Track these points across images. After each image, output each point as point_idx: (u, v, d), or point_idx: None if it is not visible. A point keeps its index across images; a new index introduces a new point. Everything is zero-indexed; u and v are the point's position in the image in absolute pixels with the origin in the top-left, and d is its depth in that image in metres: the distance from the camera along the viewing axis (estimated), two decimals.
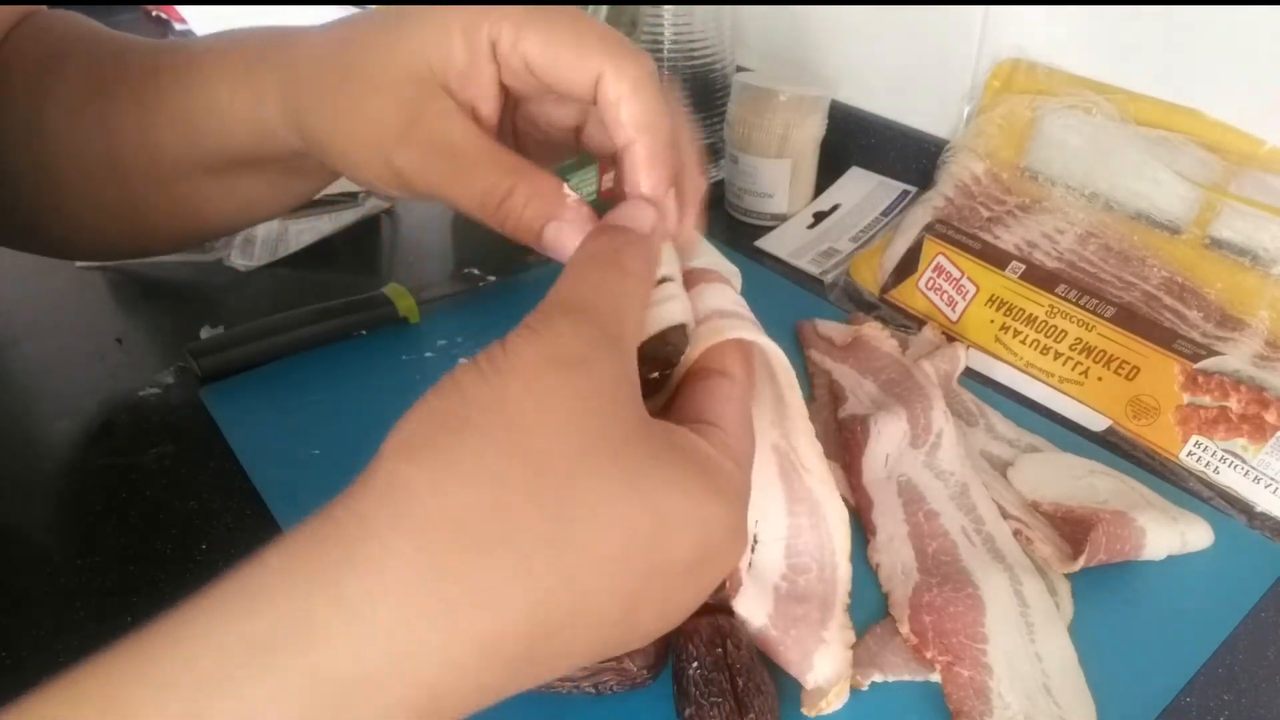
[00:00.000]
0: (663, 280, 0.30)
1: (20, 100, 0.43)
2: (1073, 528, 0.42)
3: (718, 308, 0.31)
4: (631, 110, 0.30)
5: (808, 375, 0.54)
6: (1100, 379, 0.51)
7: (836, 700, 0.34)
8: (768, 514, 0.38)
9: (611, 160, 0.33)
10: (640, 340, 0.28)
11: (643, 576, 0.23)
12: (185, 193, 0.43)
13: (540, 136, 0.37)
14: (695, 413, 0.28)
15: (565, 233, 0.31)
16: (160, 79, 0.40)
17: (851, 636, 0.36)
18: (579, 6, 0.57)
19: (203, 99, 0.39)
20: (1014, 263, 0.56)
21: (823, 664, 0.35)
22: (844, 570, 0.38)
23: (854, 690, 0.36)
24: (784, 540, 0.38)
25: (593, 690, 0.35)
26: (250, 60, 0.38)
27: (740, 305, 0.32)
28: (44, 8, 0.48)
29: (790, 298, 0.61)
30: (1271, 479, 0.45)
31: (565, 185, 0.31)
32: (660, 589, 0.24)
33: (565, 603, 0.22)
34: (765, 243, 0.68)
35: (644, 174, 0.31)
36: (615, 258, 0.28)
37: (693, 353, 0.30)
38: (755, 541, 0.38)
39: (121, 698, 0.20)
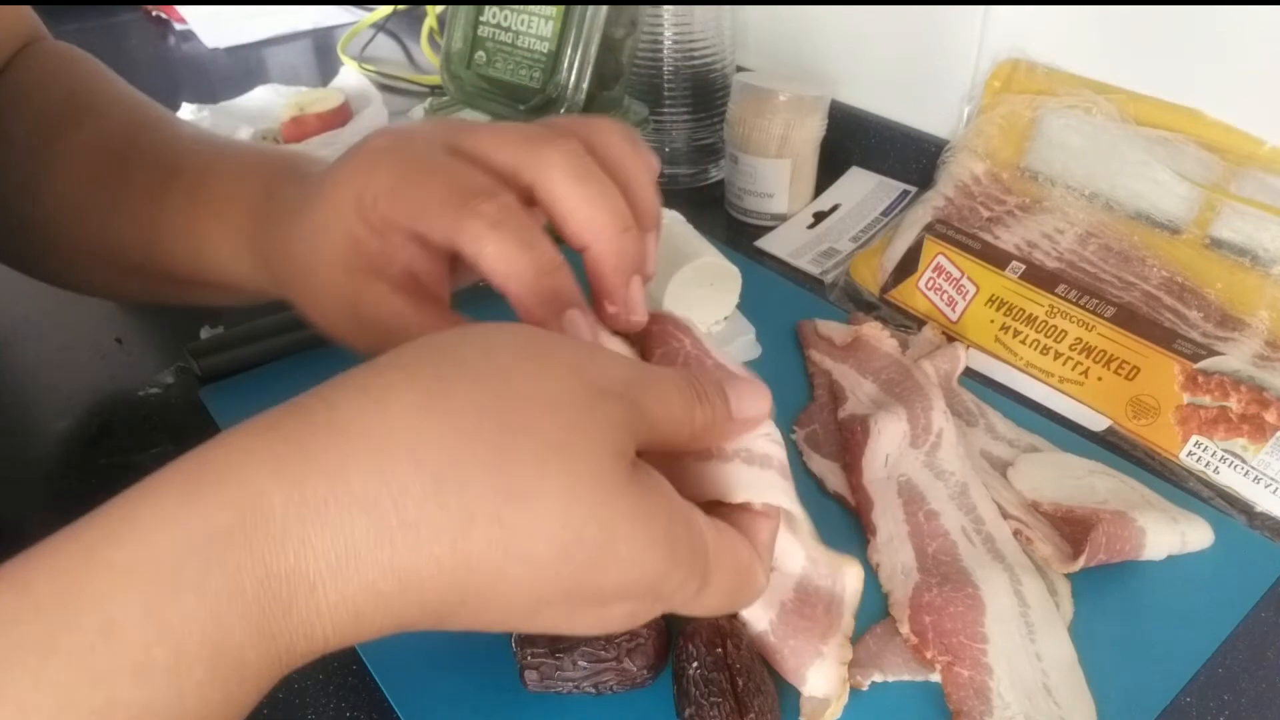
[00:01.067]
0: None
1: (32, 144, 0.44)
2: (1073, 528, 0.42)
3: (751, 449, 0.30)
4: (488, 266, 0.30)
5: (808, 375, 0.54)
6: (1100, 379, 0.51)
7: (832, 717, 0.35)
8: (789, 553, 0.38)
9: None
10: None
11: (565, 586, 0.23)
12: (166, 288, 0.44)
13: None
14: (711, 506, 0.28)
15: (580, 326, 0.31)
16: (168, 200, 0.40)
17: (849, 655, 0.36)
18: (578, 6, 0.57)
19: (201, 238, 0.40)
20: (1014, 263, 0.56)
21: (816, 678, 0.35)
22: (850, 606, 0.38)
23: (854, 690, 0.36)
24: (798, 578, 0.38)
25: (593, 690, 0.35)
26: (245, 226, 0.38)
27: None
28: (51, 39, 0.48)
29: (790, 298, 0.61)
30: (1271, 479, 0.45)
31: None
32: (576, 603, 0.24)
33: (484, 575, 0.22)
34: (765, 243, 0.68)
35: (528, 307, 0.30)
36: (697, 398, 0.28)
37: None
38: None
39: (78, 584, 0.20)
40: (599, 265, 0.32)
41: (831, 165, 0.72)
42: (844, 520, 0.44)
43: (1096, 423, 0.50)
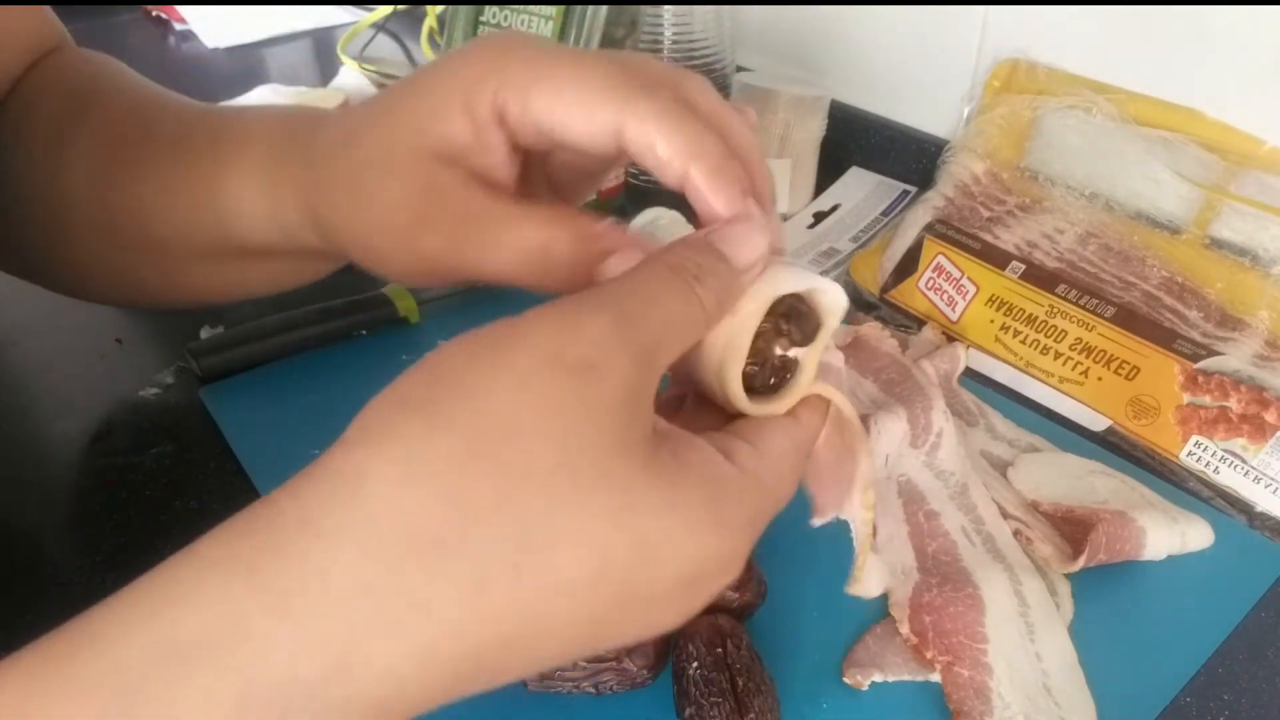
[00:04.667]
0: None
1: (40, 148, 0.43)
2: (1073, 528, 0.42)
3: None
4: (668, 148, 0.27)
5: None
6: (1100, 379, 0.51)
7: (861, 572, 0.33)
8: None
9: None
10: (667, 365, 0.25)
11: (614, 602, 0.22)
12: (192, 270, 0.42)
13: (575, 175, 0.35)
14: (737, 428, 0.26)
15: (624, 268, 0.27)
16: (185, 160, 0.39)
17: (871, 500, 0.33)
18: (578, 6, 0.57)
19: (224, 193, 0.37)
20: (1014, 263, 0.56)
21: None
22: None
23: (854, 690, 0.36)
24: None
25: (593, 690, 0.35)
26: (272, 157, 0.36)
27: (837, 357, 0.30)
28: (74, 47, 0.48)
29: None
30: (1271, 479, 0.45)
31: (612, 220, 0.28)
32: (637, 612, 0.23)
33: (520, 623, 0.21)
34: None
35: (712, 197, 0.27)
36: (692, 280, 0.25)
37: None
38: None
39: (38, 702, 0.19)
40: (700, 185, 0.28)
41: (831, 165, 0.72)
42: (844, 520, 0.44)
43: (1096, 423, 0.50)
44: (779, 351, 0.28)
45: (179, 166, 0.39)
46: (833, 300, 0.28)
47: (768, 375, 0.28)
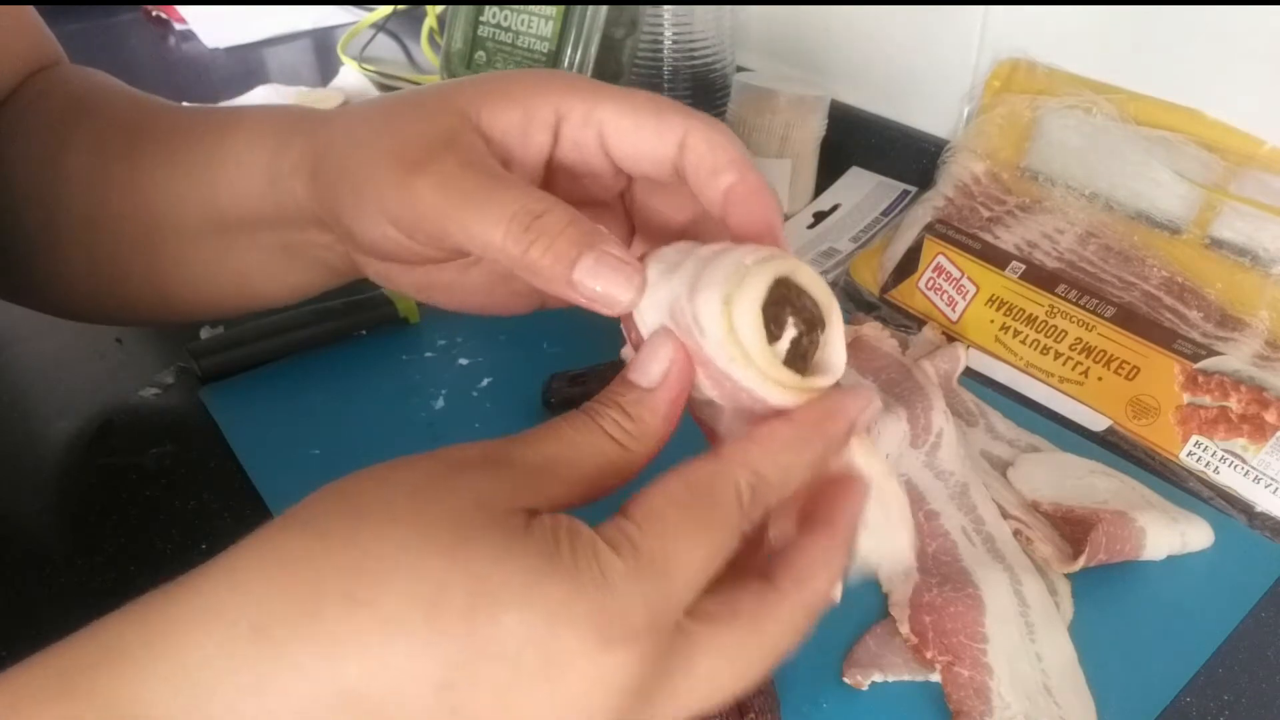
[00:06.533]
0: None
1: (36, 155, 0.42)
2: (1073, 528, 0.42)
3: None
4: (726, 156, 0.29)
5: None
6: (1100, 379, 0.51)
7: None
8: None
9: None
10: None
11: (456, 649, 0.20)
12: (181, 265, 0.41)
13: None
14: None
15: (605, 271, 0.26)
16: (191, 136, 0.39)
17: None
18: (578, 6, 0.57)
19: (222, 157, 0.37)
20: (1014, 263, 0.56)
21: None
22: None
23: (854, 690, 0.36)
24: None
25: None
26: (284, 121, 0.37)
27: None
28: (68, 64, 0.48)
29: None
30: (1271, 479, 0.45)
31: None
32: (479, 671, 0.20)
33: (358, 675, 0.20)
34: None
35: (759, 208, 0.28)
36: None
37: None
38: None
39: None
40: (747, 191, 0.28)
41: (831, 165, 0.72)
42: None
43: (1096, 423, 0.50)
44: (793, 331, 0.25)
45: (175, 143, 0.39)
46: (824, 291, 0.26)
47: (793, 355, 0.25)
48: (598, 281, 0.26)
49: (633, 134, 0.30)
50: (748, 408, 0.25)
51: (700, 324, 0.24)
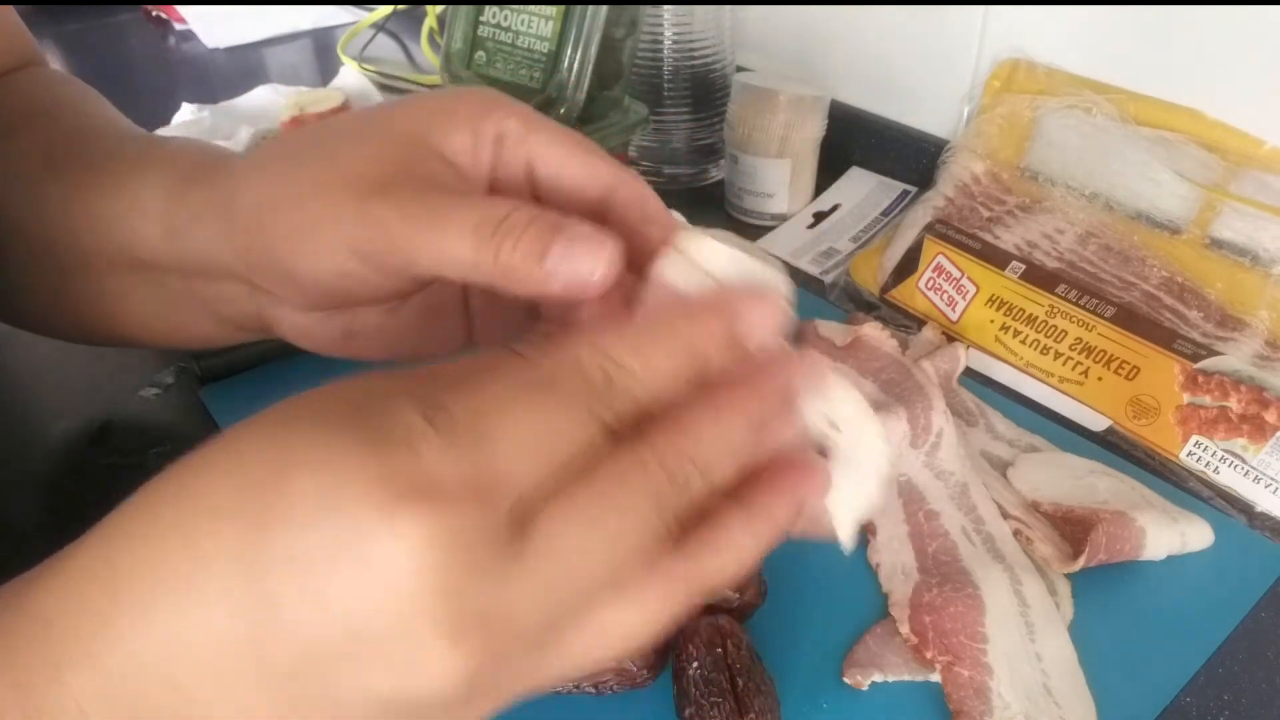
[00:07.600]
0: None
1: None
2: (1073, 528, 0.42)
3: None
4: (657, 208, 0.30)
5: None
6: (1100, 379, 0.51)
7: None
8: None
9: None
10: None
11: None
12: (110, 288, 0.40)
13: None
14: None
15: (577, 252, 0.25)
16: (111, 163, 0.38)
17: None
18: (578, 6, 0.57)
19: (137, 195, 0.36)
20: (1014, 263, 0.56)
21: None
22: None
23: (854, 690, 0.36)
24: None
25: (593, 690, 0.35)
26: (181, 173, 0.35)
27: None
28: (41, 68, 0.47)
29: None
30: (1271, 479, 0.45)
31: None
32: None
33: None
34: (765, 243, 0.68)
35: (653, 205, 0.29)
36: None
37: None
38: None
39: None
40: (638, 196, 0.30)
41: (831, 165, 0.72)
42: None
43: (1096, 423, 0.50)
44: None
45: (99, 167, 0.38)
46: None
47: None
48: (572, 263, 0.25)
49: (559, 169, 0.30)
50: None
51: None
